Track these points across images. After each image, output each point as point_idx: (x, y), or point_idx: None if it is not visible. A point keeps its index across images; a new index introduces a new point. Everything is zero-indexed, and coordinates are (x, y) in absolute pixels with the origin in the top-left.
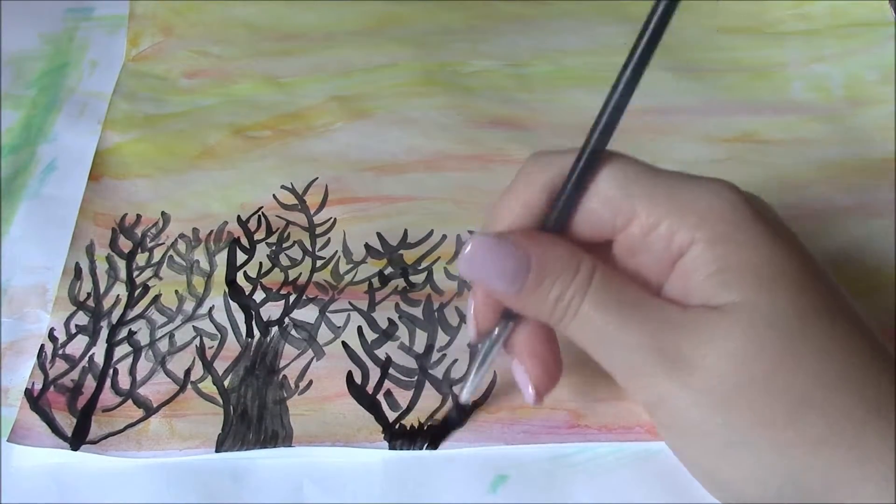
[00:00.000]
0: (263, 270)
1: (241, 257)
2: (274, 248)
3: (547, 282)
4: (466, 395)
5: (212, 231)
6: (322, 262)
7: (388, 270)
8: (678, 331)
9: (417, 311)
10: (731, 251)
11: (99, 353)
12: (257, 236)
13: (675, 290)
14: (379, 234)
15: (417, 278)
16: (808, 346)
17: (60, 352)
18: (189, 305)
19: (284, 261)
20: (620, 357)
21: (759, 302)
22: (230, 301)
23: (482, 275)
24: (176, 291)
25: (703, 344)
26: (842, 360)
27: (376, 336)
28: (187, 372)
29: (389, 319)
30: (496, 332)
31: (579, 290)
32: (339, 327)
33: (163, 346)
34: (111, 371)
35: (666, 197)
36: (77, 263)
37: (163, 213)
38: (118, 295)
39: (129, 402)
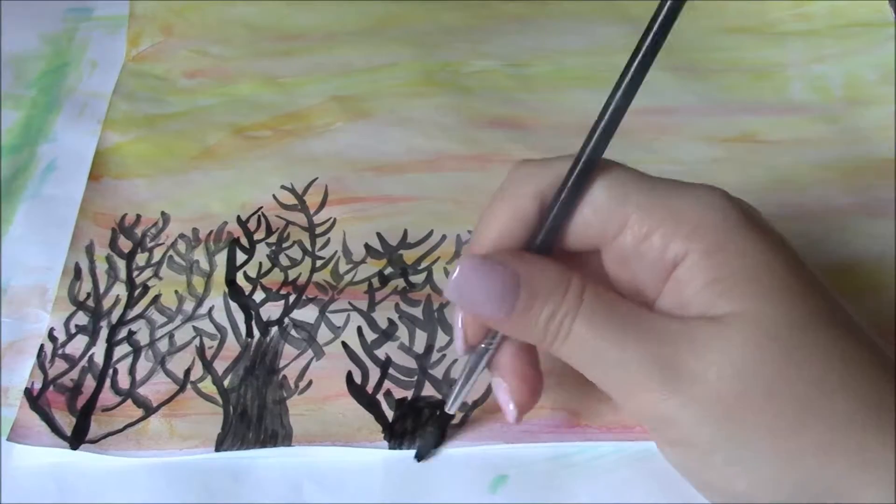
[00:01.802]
0: (263, 270)
1: (240, 257)
2: (274, 248)
3: (538, 303)
4: (453, 407)
5: (212, 231)
6: (322, 262)
7: (388, 270)
8: (676, 344)
9: (417, 312)
10: (726, 261)
11: (99, 352)
12: (257, 236)
13: (670, 302)
14: (379, 234)
15: (417, 278)
16: (808, 353)
17: (60, 351)
18: (189, 305)
19: (284, 261)
20: (617, 375)
21: (757, 311)
22: (230, 301)
23: (471, 299)
24: (176, 291)
25: (703, 356)
26: (842, 365)
27: (376, 336)
28: (187, 372)
29: (389, 319)
30: (484, 347)
31: (571, 310)
32: (339, 327)
33: (162, 345)
34: (111, 371)
35: (658, 206)
36: (77, 263)
37: (163, 213)
38: (118, 295)
39: (129, 401)
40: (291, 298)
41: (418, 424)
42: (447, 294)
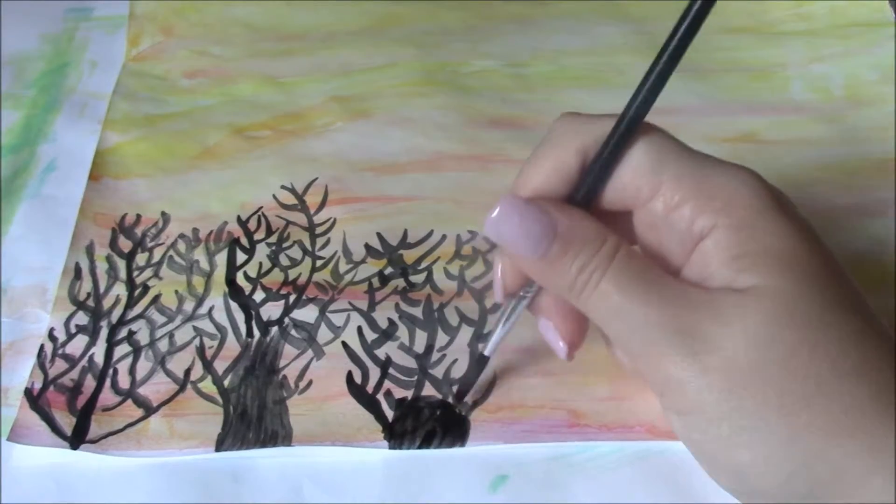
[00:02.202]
0: (263, 270)
1: (240, 257)
2: (274, 248)
3: (571, 252)
4: (491, 348)
5: (212, 231)
6: (322, 262)
7: (388, 270)
8: (698, 311)
9: (417, 311)
10: (753, 237)
11: (99, 352)
12: (257, 236)
13: (694, 272)
14: (379, 234)
15: (417, 278)
16: (827, 334)
17: (60, 351)
18: (189, 305)
19: (284, 261)
20: (637, 335)
21: (780, 287)
22: (230, 301)
23: (508, 237)
24: (176, 291)
25: (722, 325)
26: (858, 351)
27: (376, 336)
28: (187, 372)
29: (389, 319)
30: (522, 294)
31: (601, 265)
32: (339, 327)
33: (163, 345)
34: (111, 371)
35: (693, 178)
36: (77, 263)
37: (163, 213)
38: (118, 295)
39: (129, 401)
40: (291, 298)
41: (418, 424)
42: (486, 230)
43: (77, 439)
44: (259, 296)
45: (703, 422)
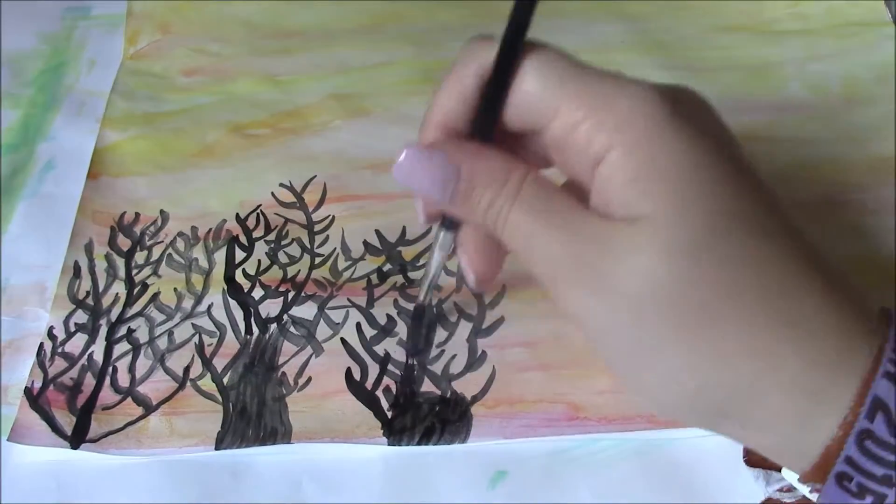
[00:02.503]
0: (262, 268)
1: (239, 255)
2: (272, 245)
3: (477, 191)
4: (423, 293)
5: (210, 229)
6: (321, 259)
7: (387, 267)
8: (596, 245)
9: None
10: (647, 159)
11: (98, 351)
12: (256, 234)
13: (597, 200)
14: (377, 231)
15: (416, 275)
16: (719, 258)
17: (60, 350)
18: (188, 303)
19: (283, 258)
20: (546, 268)
21: (670, 214)
22: (229, 298)
23: (414, 181)
24: (175, 289)
25: (617, 261)
26: (755, 270)
27: (375, 332)
28: (186, 369)
29: (388, 316)
30: (441, 240)
31: (508, 199)
32: (338, 324)
33: (162, 343)
34: (110, 369)
35: (588, 96)
36: (76, 262)
37: (161, 212)
38: (117, 293)
39: (129, 400)
40: (290, 295)
41: (417, 420)
42: (393, 174)
43: (77, 439)
44: (258, 293)
45: (612, 348)
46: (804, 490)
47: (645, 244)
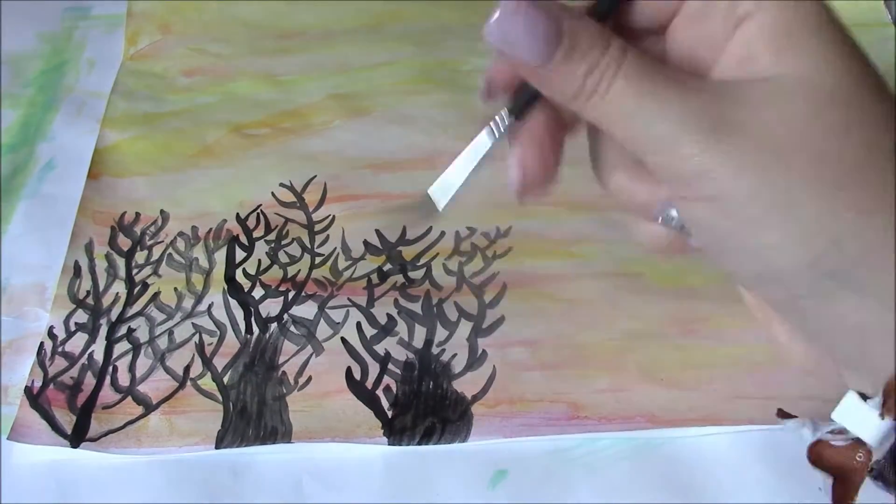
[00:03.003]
0: (262, 267)
1: (240, 255)
2: (273, 245)
3: (578, 53)
4: (446, 193)
5: (211, 229)
6: (321, 258)
7: (387, 267)
8: (726, 98)
9: (416, 307)
10: (800, 16)
11: (98, 350)
12: (256, 234)
13: (730, 65)
14: (377, 231)
15: (416, 274)
16: (865, 117)
17: (60, 349)
18: (188, 303)
19: (283, 258)
20: (654, 129)
21: (819, 68)
22: (229, 298)
23: (511, 38)
24: (175, 289)
25: (753, 110)
26: (892, 135)
27: (375, 332)
28: (186, 369)
29: (388, 315)
30: (498, 127)
31: (613, 63)
32: (338, 323)
33: (162, 343)
34: (111, 368)
35: None
36: (76, 261)
37: (162, 211)
38: (117, 293)
39: (129, 399)
40: (290, 295)
41: (418, 419)
42: (486, 33)
43: (77, 438)
44: (258, 293)
45: (731, 206)
46: (862, 427)
47: (788, 94)
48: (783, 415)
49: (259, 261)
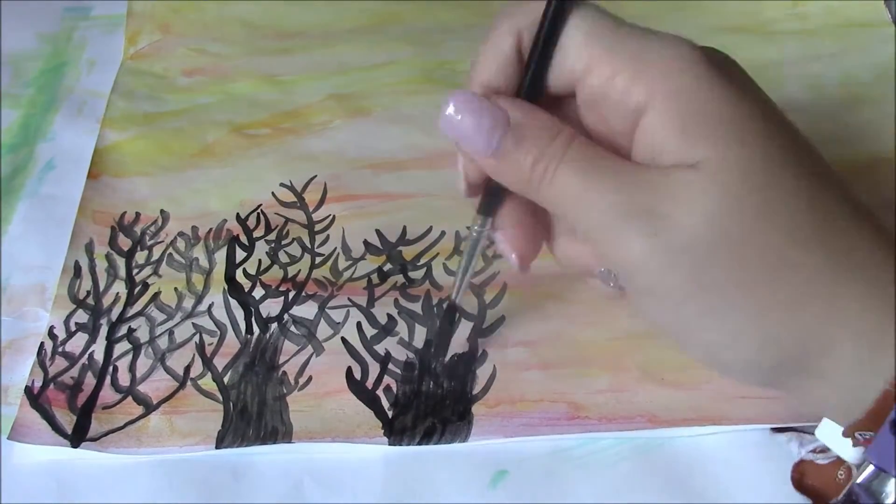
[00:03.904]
0: (262, 267)
1: (240, 254)
2: (273, 245)
3: (525, 143)
4: (455, 293)
5: (211, 229)
6: (321, 258)
7: (387, 267)
8: (655, 191)
9: (416, 307)
10: (693, 105)
11: (99, 350)
12: (256, 234)
13: (643, 152)
14: (378, 231)
15: (416, 274)
16: (783, 202)
17: (60, 349)
18: (188, 303)
19: (283, 258)
20: (596, 220)
21: (730, 156)
22: (229, 298)
23: (461, 132)
24: (175, 289)
25: (679, 204)
26: (815, 216)
27: (375, 332)
28: (187, 369)
29: (388, 315)
30: (477, 228)
31: (557, 154)
32: (339, 323)
33: (162, 343)
34: (111, 368)
35: (625, 48)
36: (76, 261)
37: (162, 211)
38: (118, 293)
39: (129, 399)
40: (291, 295)
41: (418, 420)
42: (440, 125)
43: (77, 437)
44: (258, 293)
45: (667, 302)
46: (842, 447)
47: (707, 186)
48: (776, 430)
49: (259, 261)
